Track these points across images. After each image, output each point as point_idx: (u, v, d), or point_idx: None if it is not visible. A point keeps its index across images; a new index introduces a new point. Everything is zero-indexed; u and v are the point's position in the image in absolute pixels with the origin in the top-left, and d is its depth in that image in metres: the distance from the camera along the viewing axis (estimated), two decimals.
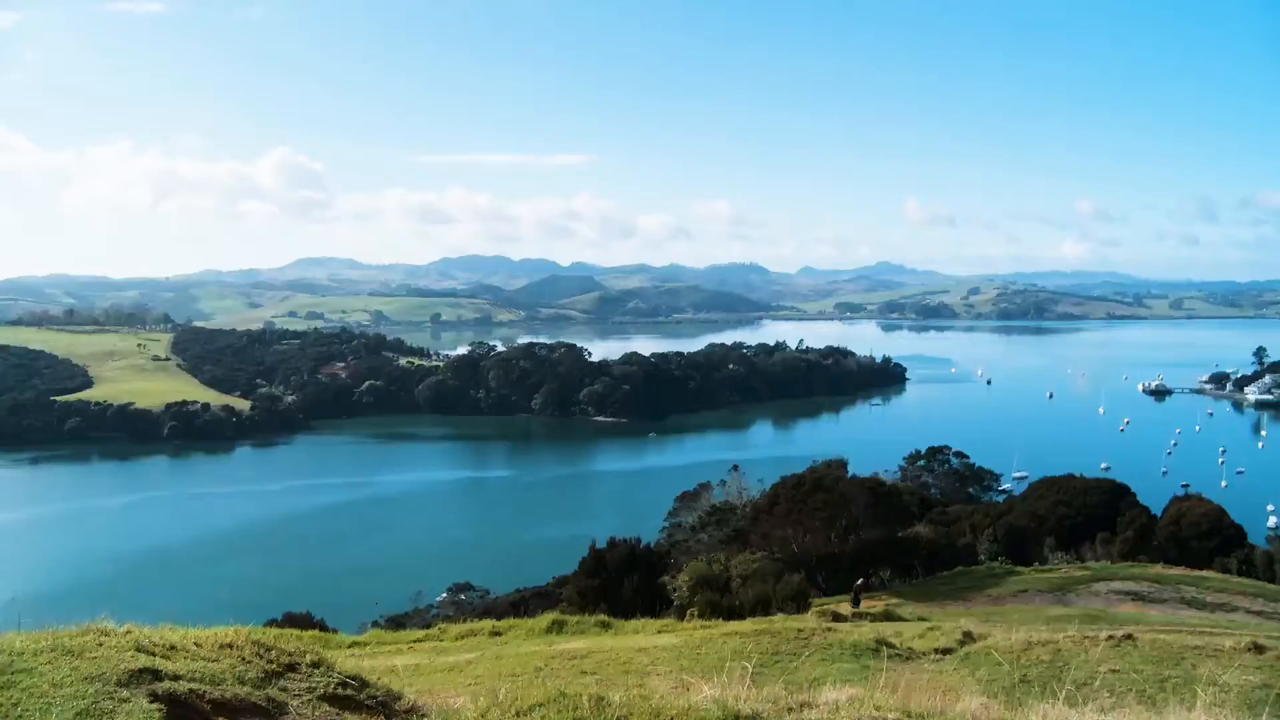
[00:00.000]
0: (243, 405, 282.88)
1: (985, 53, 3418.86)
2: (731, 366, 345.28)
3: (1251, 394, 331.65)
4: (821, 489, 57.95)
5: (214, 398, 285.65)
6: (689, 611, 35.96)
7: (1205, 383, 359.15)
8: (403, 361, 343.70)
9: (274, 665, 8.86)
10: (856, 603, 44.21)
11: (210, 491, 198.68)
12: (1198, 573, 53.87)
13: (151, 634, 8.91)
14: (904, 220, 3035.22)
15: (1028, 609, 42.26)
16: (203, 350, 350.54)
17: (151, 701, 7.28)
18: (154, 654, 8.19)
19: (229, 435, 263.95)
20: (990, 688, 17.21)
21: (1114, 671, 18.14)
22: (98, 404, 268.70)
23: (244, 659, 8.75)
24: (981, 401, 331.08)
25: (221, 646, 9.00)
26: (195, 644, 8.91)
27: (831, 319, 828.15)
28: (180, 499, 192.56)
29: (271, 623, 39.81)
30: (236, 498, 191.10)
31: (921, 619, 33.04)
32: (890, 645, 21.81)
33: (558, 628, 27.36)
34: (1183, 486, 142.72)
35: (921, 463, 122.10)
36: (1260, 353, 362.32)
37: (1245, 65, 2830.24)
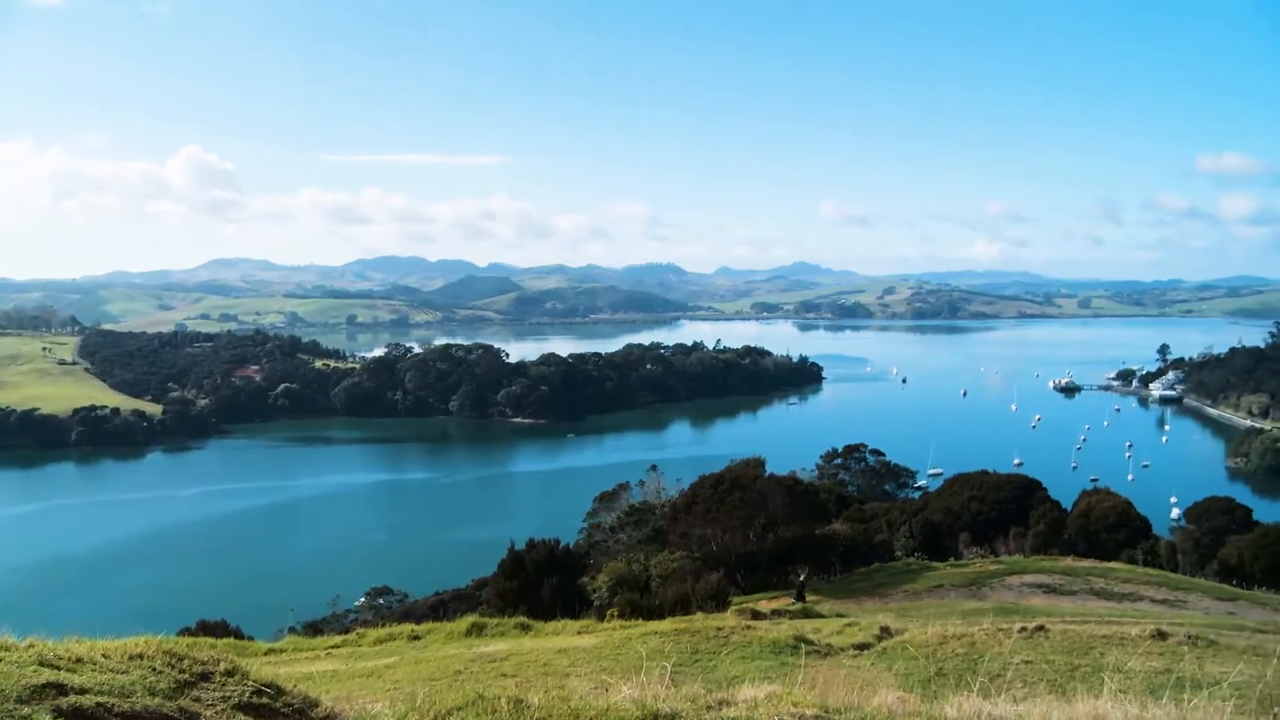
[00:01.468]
0: (154, 409, 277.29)
1: (896, 55, 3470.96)
2: (649, 367, 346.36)
3: (1156, 390, 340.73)
4: (739, 488, 58.29)
5: (124, 402, 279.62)
6: (609, 612, 35.95)
7: (1112, 380, 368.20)
8: (318, 364, 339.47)
9: (186, 675, 8.67)
10: (800, 597, 44.69)
11: (120, 498, 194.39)
12: (1106, 564, 55.18)
13: (56, 647, 8.65)
14: (820, 221, 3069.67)
15: (943, 603, 42.92)
16: (112, 353, 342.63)
17: (56, 717, 7.08)
18: (59, 668, 7.97)
19: (139, 440, 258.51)
20: (907, 681, 17.43)
21: (1027, 662, 18.46)
22: (0, 410, 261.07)
23: (155, 669, 8.54)
24: (897, 400, 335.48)
25: (131, 657, 8.77)
26: (103, 655, 8.68)
27: (749, 319, 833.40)
28: (88, 506, 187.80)
29: (185, 631, 39.21)
30: (148, 504, 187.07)
31: (840, 615, 33.37)
32: (809, 642, 21.98)
33: (477, 630, 27.19)
34: (1091, 481, 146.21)
35: (838, 461, 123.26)
36: (1164, 350, 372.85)
37: (1145, 70, 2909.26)
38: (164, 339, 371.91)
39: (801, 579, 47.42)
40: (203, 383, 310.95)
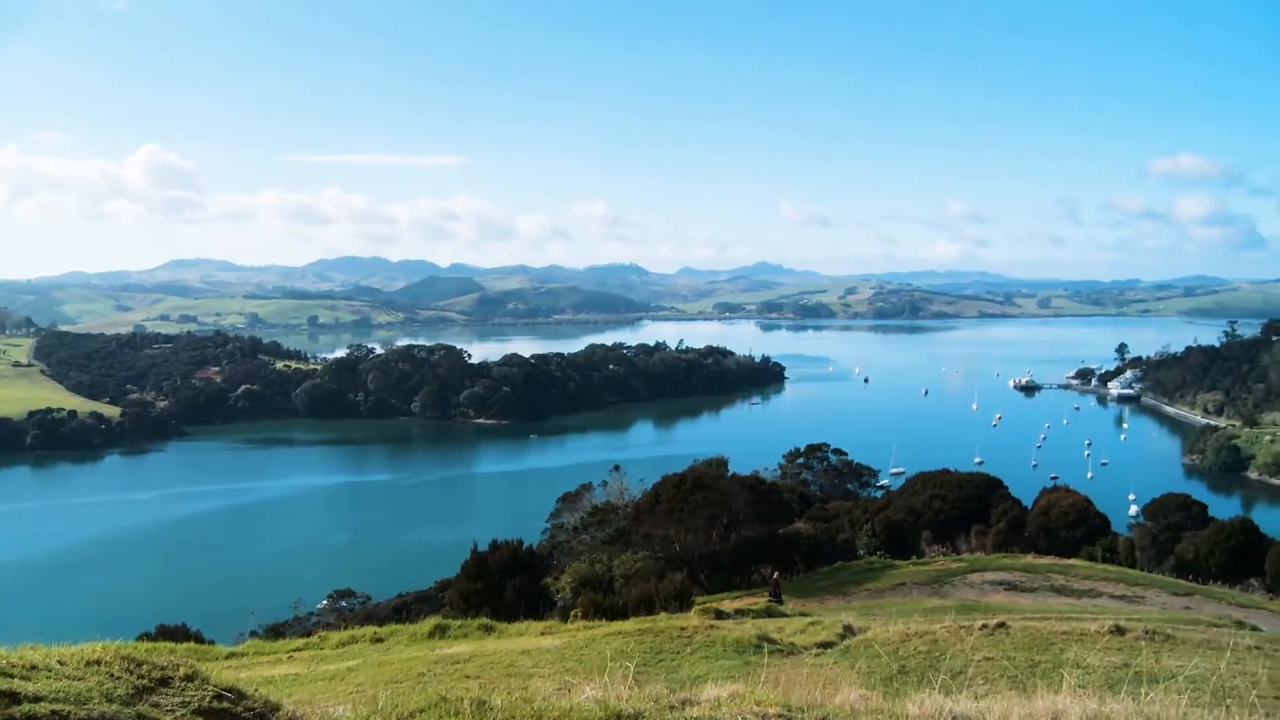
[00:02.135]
0: (112, 412, 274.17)
1: (856, 55, 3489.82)
2: (612, 367, 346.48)
3: (1114, 389, 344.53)
4: (702, 488, 58.34)
5: (81, 404, 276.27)
6: (572, 613, 35.87)
7: (1072, 378, 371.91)
8: (279, 365, 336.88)
9: (145, 681, 8.59)
10: (776, 595, 44.79)
11: (77, 502, 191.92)
12: (1066, 561, 55.63)
13: (9, 654, 8.54)
14: (781, 221, 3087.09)
15: (906, 601, 43.14)
16: (69, 355, 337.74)
17: None
18: (12, 675, 7.86)
19: (97, 443, 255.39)
20: (870, 679, 17.51)
21: (988, 659, 18.60)
22: None
23: (112, 675, 8.46)
24: (859, 399, 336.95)
25: (88, 664, 8.68)
26: (59, 662, 8.57)
27: (711, 319, 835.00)
28: (44, 510, 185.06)
29: (144, 636, 38.70)
30: (106, 508, 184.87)
31: (803, 614, 33.46)
32: (772, 641, 22.05)
33: (440, 632, 27.07)
34: (1052, 478, 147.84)
35: (801, 460, 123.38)
36: (1122, 349, 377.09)
37: (1101, 71, 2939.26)
38: (122, 340, 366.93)
39: (776, 576, 47.68)
40: (162, 384, 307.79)
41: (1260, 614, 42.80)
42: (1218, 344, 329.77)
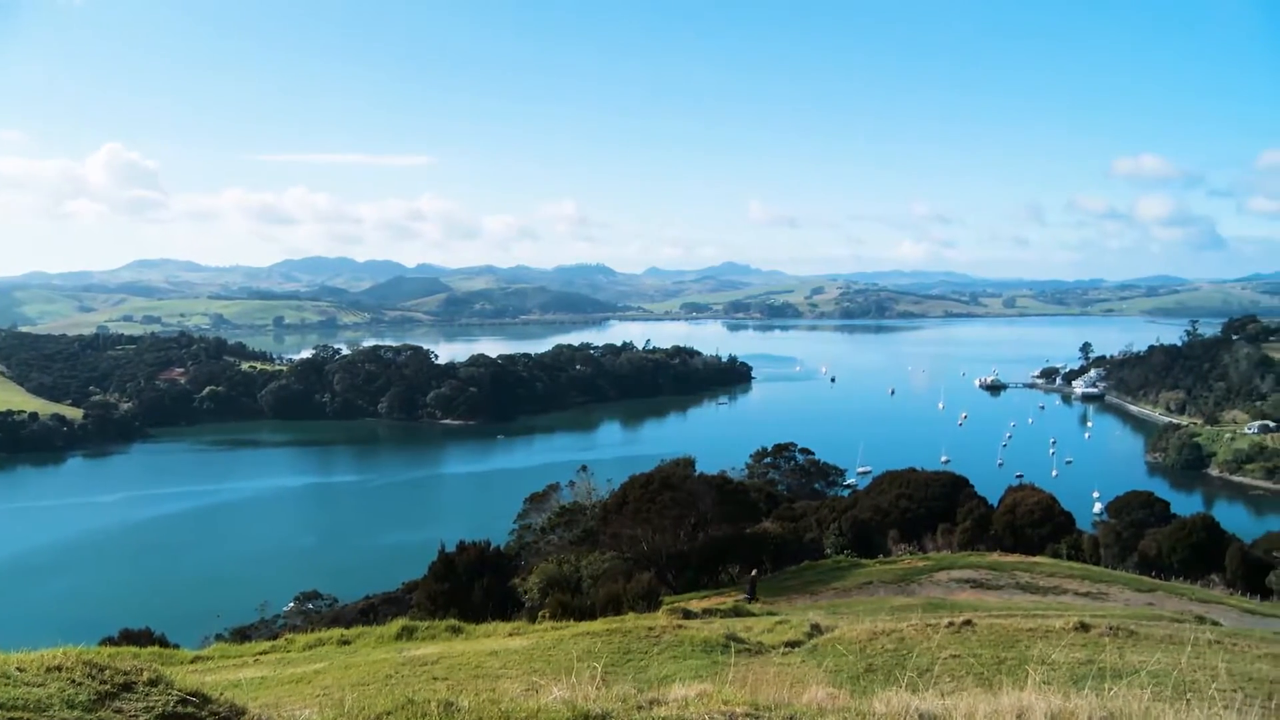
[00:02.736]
0: (75, 414, 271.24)
1: (823, 57, 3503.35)
2: (579, 367, 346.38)
3: (1078, 387, 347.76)
4: (670, 488, 58.38)
5: (42, 407, 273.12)
6: (540, 613, 35.83)
7: (1037, 377, 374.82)
8: (245, 366, 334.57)
9: (108, 686, 8.51)
10: (752, 594, 44.96)
11: (38, 505, 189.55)
12: (1031, 559, 56.09)
13: None
14: (748, 221, 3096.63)
15: (873, 600, 43.30)
16: (30, 356, 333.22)
17: None
18: None
19: (59, 445, 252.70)
20: (837, 678, 17.57)
21: (954, 656, 18.69)
22: None
23: (74, 681, 8.37)
24: (826, 399, 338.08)
25: (48, 670, 8.58)
26: (18, 669, 8.47)
27: (678, 319, 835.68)
28: (4, 514, 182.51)
29: (107, 641, 38.32)
30: (68, 510, 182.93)
31: (770, 613, 33.54)
32: (740, 640, 22.08)
33: (408, 634, 26.97)
34: (1017, 477, 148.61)
35: (768, 460, 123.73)
36: (1086, 348, 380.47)
37: (1065, 72, 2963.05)
38: (85, 341, 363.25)
39: (755, 573, 47.97)
40: (126, 386, 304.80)
41: (1221, 609, 43.32)
42: (1179, 343, 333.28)
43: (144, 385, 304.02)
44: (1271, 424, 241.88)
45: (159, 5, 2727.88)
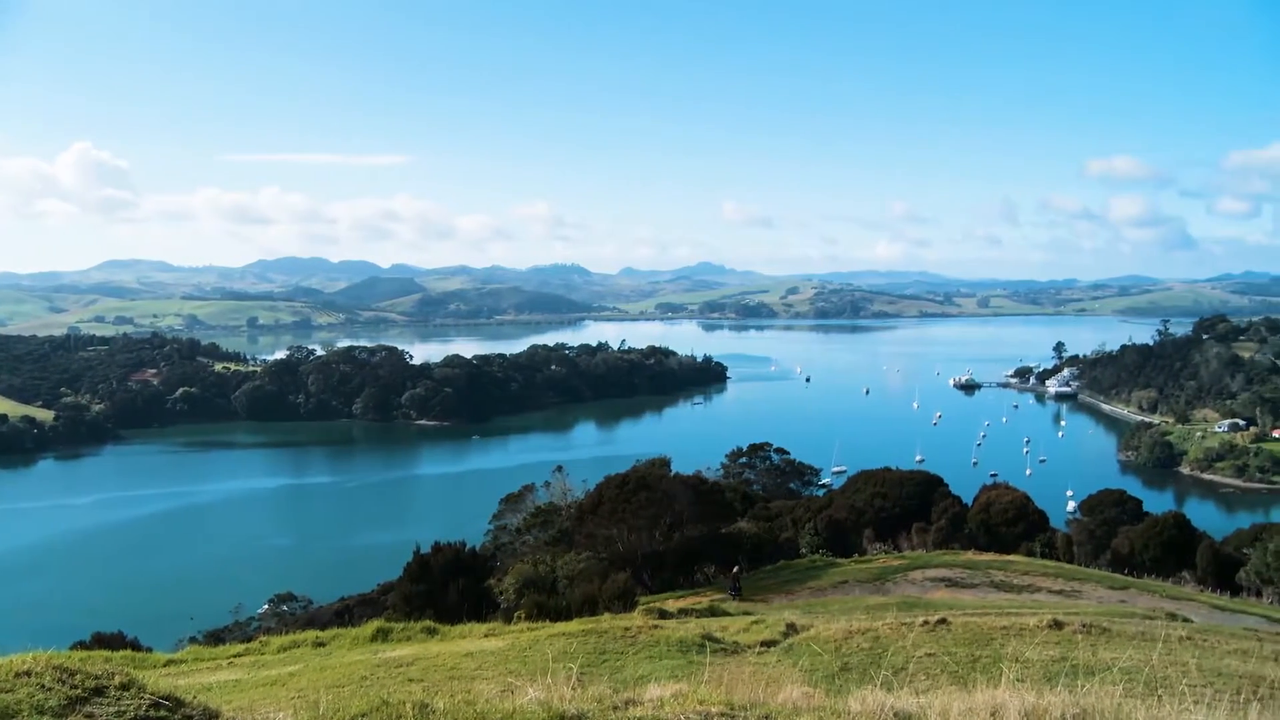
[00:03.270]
0: (45, 416, 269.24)
1: (797, 56, 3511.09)
2: (554, 367, 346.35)
3: (1052, 387, 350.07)
4: (645, 488, 58.32)
5: (12, 409, 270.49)
6: (516, 614, 35.76)
7: (1011, 377, 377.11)
8: (218, 367, 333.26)
9: (78, 691, 8.43)
10: (736, 591, 45.00)
11: (8, 508, 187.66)
12: (1005, 557, 56.30)
13: None
14: (724, 222, 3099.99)
15: (848, 599, 43.35)
16: None
17: None
18: None
19: (29, 448, 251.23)
20: (812, 677, 17.60)
21: (929, 655, 18.78)
22: None
23: (44, 686, 8.29)
24: (801, 398, 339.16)
25: (17, 675, 8.49)
26: None
27: (653, 319, 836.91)
28: None
29: (79, 645, 38.12)
30: (39, 513, 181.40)
31: (746, 613, 33.59)
32: (715, 640, 22.10)
33: (383, 635, 26.87)
34: (991, 476, 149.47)
35: (743, 459, 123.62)
36: (1059, 348, 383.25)
37: (1040, 74, 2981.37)
38: (55, 342, 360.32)
39: (737, 570, 48.03)
40: (98, 387, 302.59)
41: (1192, 605, 43.60)
42: (1151, 342, 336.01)
43: (116, 387, 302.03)
44: (1241, 422, 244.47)
45: (128, 3, 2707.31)
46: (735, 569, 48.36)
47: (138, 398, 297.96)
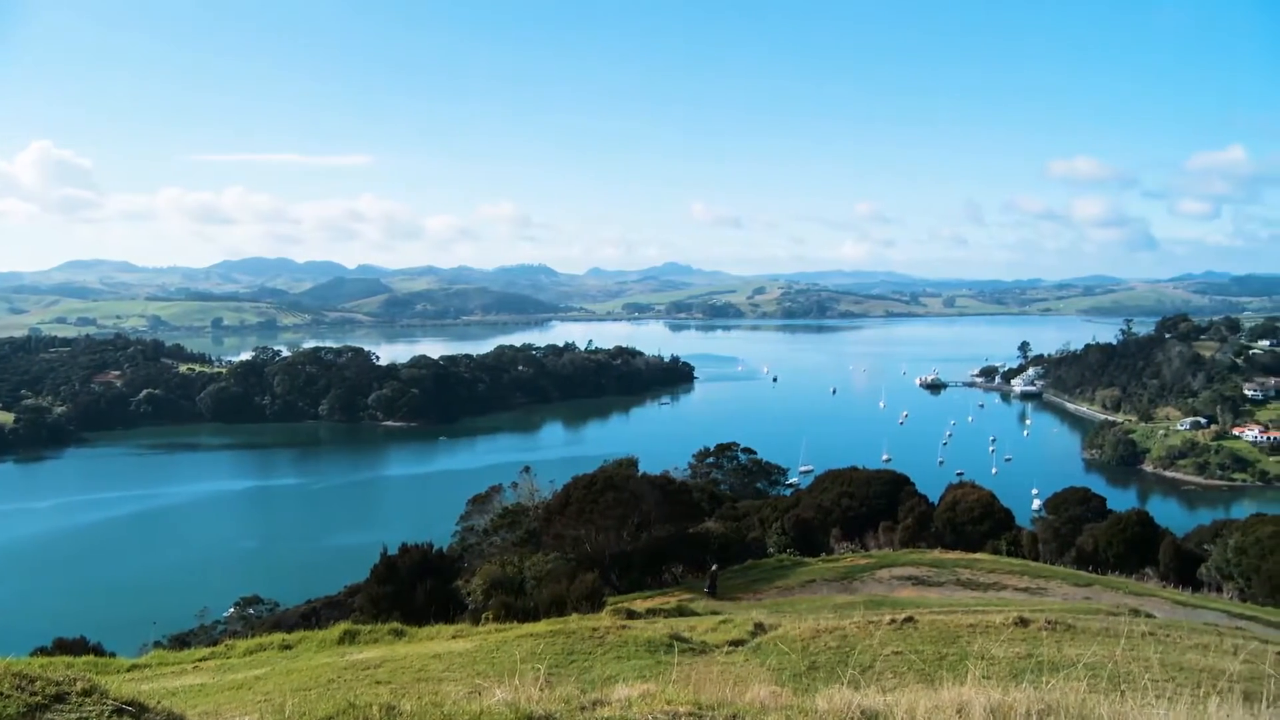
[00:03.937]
0: (5, 418, 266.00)
1: (767, 56, 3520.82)
2: (521, 368, 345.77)
3: (1017, 386, 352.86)
4: (613, 488, 58.31)
5: None
6: (483, 615, 35.68)
7: (976, 376, 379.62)
8: (183, 368, 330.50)
9: (38, 698, 8.33)
10: (713, 589, 45.02)
11: None
12: (971, 555, 56.61)
13: None
14: (691, 222, 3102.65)
15: (815, 598, 43.48)
16: None
17: None
18: None
19: None
20: (780, 676, 17.65)
21: (896, 653, 18.87)
22: None
23: (2, 694, 8.20)
24: (768, 398, 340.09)
25: None
26: None
27: (620, 319, 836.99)
28: None
29: (40, 651, 37.70)
30: None
31: (714, 613, 33.62)
32: (683, 640, 22.12)
33: (350, 638, 26.72)
34: (957, 475, 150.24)
35: (710, 459, 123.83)
36: (1024, 347, 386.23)
37: (1003, 75, 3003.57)
38: (16, 344, 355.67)
39: (715, 568, 48.09)
40: (59, 389, 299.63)
41: (1155, 601, 44.03)
42: (1115, 342, 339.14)
43: (79, 388, 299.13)
44: (1203, 420, 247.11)
45: (91, 2, 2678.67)
46: (714, 567, 48.49)
47: (101, 399, 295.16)
